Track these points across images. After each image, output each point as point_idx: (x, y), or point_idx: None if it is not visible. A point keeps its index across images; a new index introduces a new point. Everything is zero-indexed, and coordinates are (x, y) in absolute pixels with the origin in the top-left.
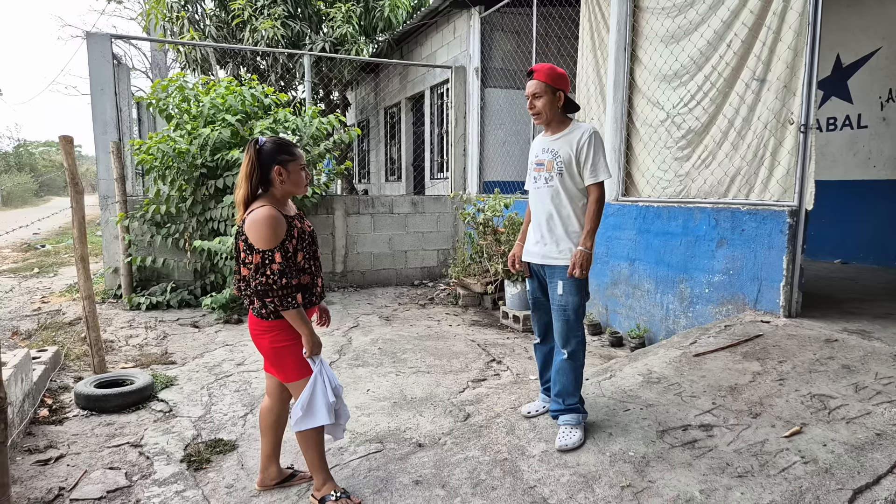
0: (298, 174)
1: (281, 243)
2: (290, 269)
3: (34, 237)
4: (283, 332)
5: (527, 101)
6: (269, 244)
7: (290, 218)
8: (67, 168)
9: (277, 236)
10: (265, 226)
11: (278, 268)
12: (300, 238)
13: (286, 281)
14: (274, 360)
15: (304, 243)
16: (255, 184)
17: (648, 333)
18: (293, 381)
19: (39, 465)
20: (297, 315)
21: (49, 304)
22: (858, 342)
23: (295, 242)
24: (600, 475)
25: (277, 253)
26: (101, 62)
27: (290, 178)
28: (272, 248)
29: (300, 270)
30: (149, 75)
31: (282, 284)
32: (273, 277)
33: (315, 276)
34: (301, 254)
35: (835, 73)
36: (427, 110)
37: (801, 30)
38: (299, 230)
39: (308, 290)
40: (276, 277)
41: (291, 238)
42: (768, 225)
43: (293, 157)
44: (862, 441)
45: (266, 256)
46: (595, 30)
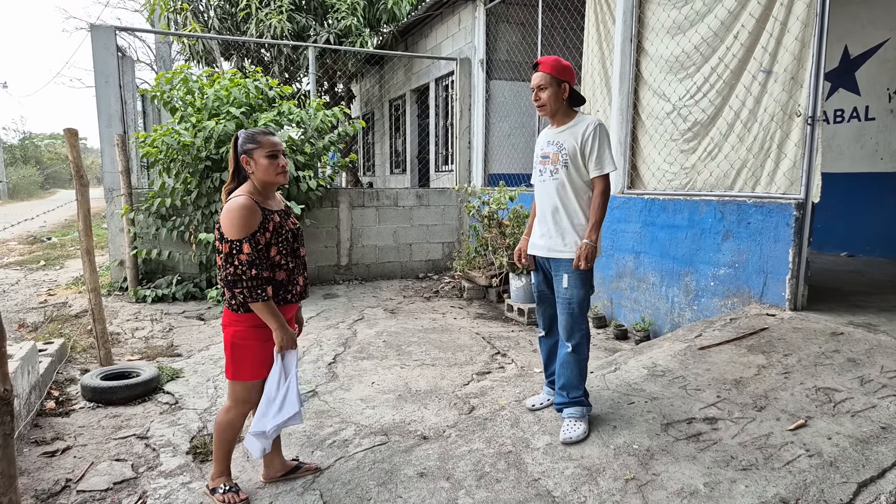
0: (262, 161)
1: (252, 234)
2: (260, 261)
3: (40, 230)
4: (247, 329)
5: (532, 93)
6: (236, 234)
7: (269, 211)
8: (72, 161)
9: (247, 227)
10: (234, 215)
11: (246, 258)
12: (276, 232)
13: (256, 272)
14: (229, 353)
15: (280, 238)
16: (231, 176)
17: (653, 326)
18: (238, 380)
19: (46, 457)
20: (265, 308)
21: (55, 297)
22: (864, 335)
23: (269, 236)
24: (604, 468)
25: (246, 244)
26: (105, 54)
27: (257, 166)
28: (240, 238)
29: (274, 266)
30: (153, 68)
31: (251, 275)
32: (241, 268)
33: (293, 274)
34: (275, 248)
35: (842, 64)
36: (432, 102)
37: (809, 21)
38: (276, 224)
39: (283, 287)
40: (244, 268)
41: (265, 231)
42: (774, 218)
43: (257, 145)
44: (867, 434)
45: (234, 246)
46: (601, 21)
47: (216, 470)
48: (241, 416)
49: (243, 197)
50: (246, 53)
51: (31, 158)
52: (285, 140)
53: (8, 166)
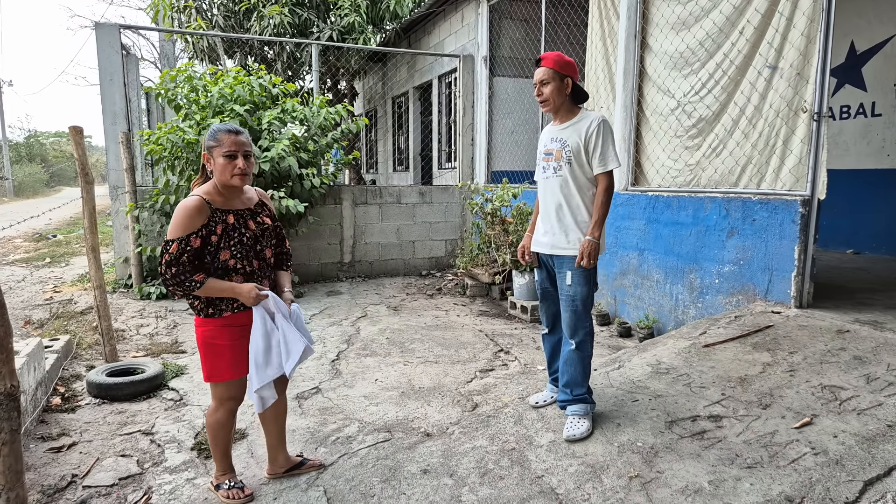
0: (219, 161)
1: (186, 236)
2: (184, 263)
3: (45, 227)
4: (217, 329)
5: (535, 88)
6: (171, 233)
7: (221, 211)
8: (77, 158)
9: (182, 228)
10: (177, 215)
11: (168, 259)
12: (226, 235)
13: (176, 270)
14: (203, 354)
15: (233, 241)
16: (203, 171)
17: (657, 324)
18: (216, 381)
19: (52, 453)
20: (208, 289)
21: (61, 294)
22: (870, 333)
23: (216, 239)
24: (608, 465)
25: (175, 244)
26: (109, 52)
27: (214, 165)
28: (172, 238)
29: (231, 271)
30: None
31: (172, 273)
32: (162, 267)
33: (252, 278)
34: (227, 252)
35: (848, 60)
36: (435, 99)
37: (815, 16)
38: (228, 226)
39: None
40: (164, 267)
41: (211, 234)
42: (780, 215)
43: (217, 143)
44: (873, 432)
45: (167, 244)
46: (604, 17)
47: (218, 468)
48: (229, 412)
49: (194, 197)
50: (249, 51)
51: (36, 156)
52: (289, 138)
53: (13, 164)
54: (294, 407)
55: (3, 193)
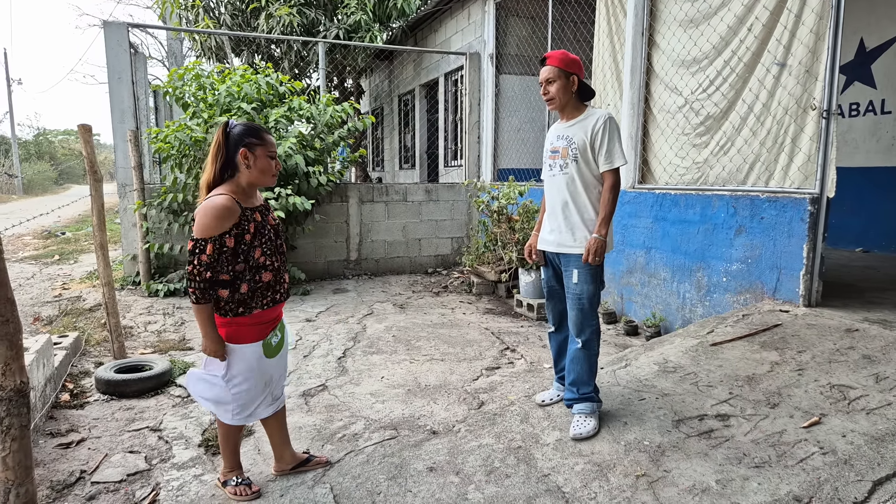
0: (265, 161)
1: (219, 236)
2: (221, 263)
3: (54, 225)
4: (242, 328)
5: (541, 87)
6: (203, 233)
7: (249, 209)
8: (86, 156)
9: (217, 228)
10: (208, 215)
11: (206, 259)
12: (258, 233)
13: (211, 276)
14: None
15: (264, 238)
16: (220, 167)
17: (664, 322)
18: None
19: (61, 449)
20: (204, 312)
21: (69, 291)
22: (880, 332)
23: (250, 238)
24: (615, 464)
25: (210, 244)
26: (118, 51)
27: (256, 163)
28: (206, 237)
29: (261, 268)
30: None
31: (205, 278)
32: (199, 268)
33: (279, 273)
34: (259, 250)
35: (858, 57)
36: (441, 97)
37: (825, 12)
38: (258, 224)
39: (271, 288)
40: (201, 268)
41: (244, 234)
42: (788, 212)
43: (262, 142)
44: (882, 432)
45: (197, 245)
46: (612, 14)
47: (226, 465)
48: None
49: (224, 196)
50: (257, 49)
51: (45, 154)
52: (295, 136)
53: (23, 162)
54: (300, 404)
55: (13, 191)
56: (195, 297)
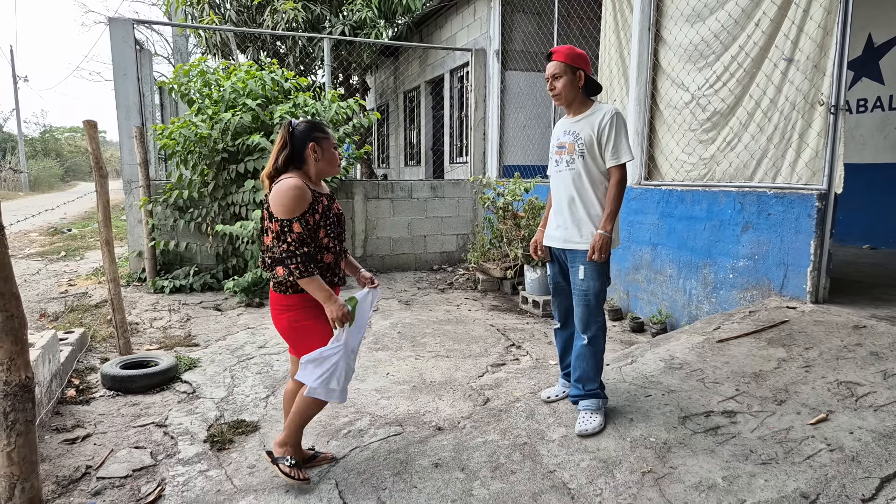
0: (331, 152)
1: (302, 215)
2: (311, 239)
3: (60, 221)
4: (303, 310)
5: (547, 83)
6: (287, 213)
7: (318, 193)
8: (91, 153)
9: (297, 207)
10: (286, 195)
11: (297, 236)
12: (324, 215)
13: (307, 249)
14: (294, 339)
15: (329, 221)
16: (284, 160)
17: (670, 319)
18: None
19: (67, 444)
20: (314, 283)
21: (75, 287)
22: (888, 328)
23: (318, 217)
24: (621, 460)
25: (296, 223)
26: (123, 48)
27: (324, 155)
28: (290, 217)
29: (323, 248)
30: (171, 60)
31: (304, 251)
32: (294, 245)
33: (338, 257)
34: (323, 231)
35: (866, 52)
36: (447, 94)
37: (832, 7)
38: (325, 207)
39: (330, 269)
40: (296, 245)
41: (314, 213)
42: (795, 209)
43: (326, 136)
44: (890, 429)
45: (284, 224)
46: (618, 9)
47: (286, 437)
48: None
49: (294, 178)
50: (262, 46)
51: (51, 151)
52: None
53: (29, 159)
54: None
55: (19, 188)
56: (299, 271)
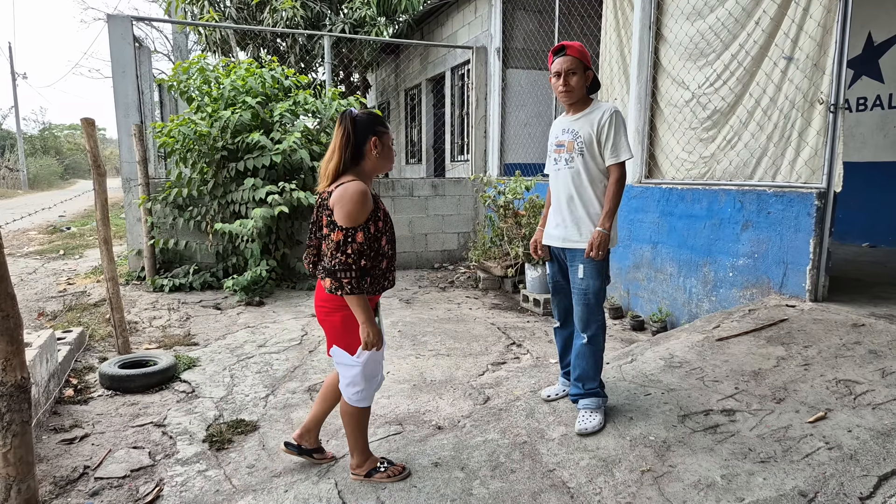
0: (391, 148)
1: (365, 223)
2: (369, 250)
3: (59, 219)
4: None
5: (557, 77)
6: (354, 222)
7: (377, 197)
8: (90, 150)
9: (363, 215)
10: (355, 203)
11: (358, 248)
12: (385, 221)
13: (365, 262)
14: (342, 334)
15: (388, 227)
16: (349, 155)
17: (670, 317)
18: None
19: (65, 444)
20: (360, 301)
21: (74, 286)
22: (886, 327)
23: (381, 225)
24: (620, 459)
25: (360, 233)
26: (122, 45)
27: (384, 151)
28: (356, 226)
29: (382, 255)
30: (170, 58)
31: (360, 266)
32: (353, 257)
33: (392, 261)
34: (384, 238)
35: (866, 51)
36: (448, 92)
37: (832, 6)
38: (384, 212)
39: (384, 275)
40: (355, 258)
41: (377, 220)
42: (795, 207)
43: (386, 130)
44: (888, 427)
45: (348, 234)
46: (619, 7)
47: (361, 456)
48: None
49: (359, 182)
50: (262, 43)
51: (50, 149)
52: (301, 130)
53: (28, 157)
54: (306, 399)
55: (18, 186)
56: (350, 287)
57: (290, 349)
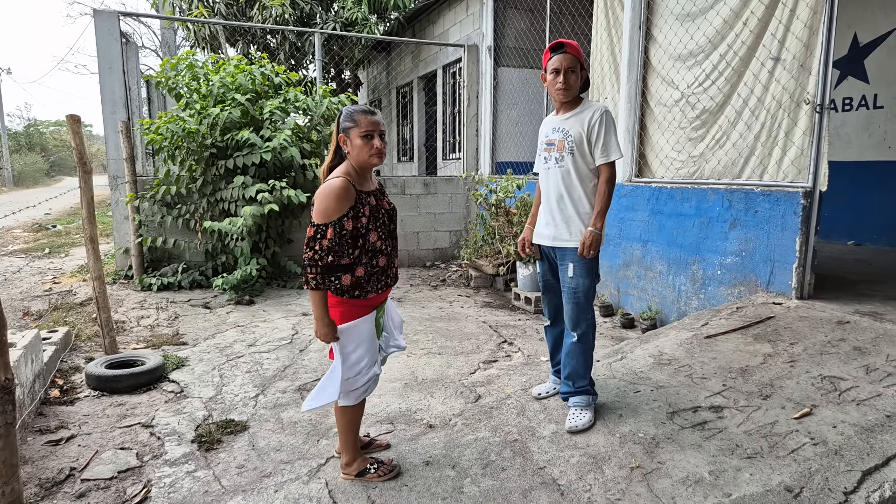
0: (356, 142)
1: (338, 220)
2: (342, 247)
3: (45, 217)
4: (356, 309)
5: (556, 74)
6: (323, 218)
7: (365, 193)
8: (75, 147)
9: (335, 210)
10: (326, 198)
11: (328, 244)
12: (373, 217)
13: (333, 259)
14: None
15: (379, 222)
16: (333, 152)
17: (660, 315)
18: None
19: (51, 446)
20: (319, 297)
21: (60, 285)
22: (870, 324)
23: (366, 221)
24: (610, 456)
25: (330, 229)
26: (109, 40)
27: (352, 145)
28: (326, 222)
29: (377, 252)
30: (158, 54)
31: (327, 262)
32: (320, 253)
33: (391, 257)
34: (375, 234)
35: (851, 52)
36: (439, 90)
37: (818, 7)
38: (373, 208)
39: (384, 272)
40: (322, 254)
41: (360, 216)
42: (782, 206)
43: (353, 124)
44: (872, 423)
45: (318, 230)
46: (610, 7)
47: (351, 455)
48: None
49: (339, 179)
50: (252, 40)
51: (35, 145)
52: (291, 128)
53: (13, 153)
54: (296, 399)
55: (3, 183)
56: (314, 282)
57: (281, 348)
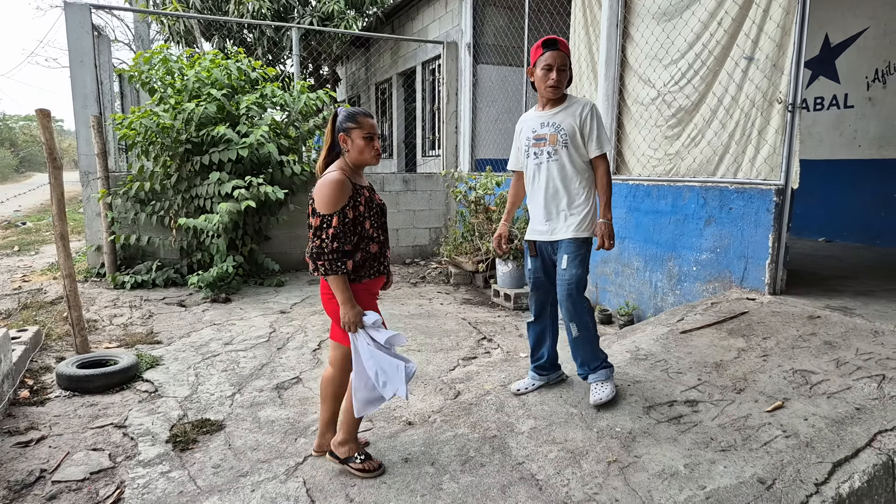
0: (359, 142)
1: (342, 209)
2: (346, 234)
3: (14, 214)
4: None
5: (549, 71)
6: (329, 208)
7: (359, 186)
8: (45, 142)
9: (338, 201)
10: (328, 189)
11: (333, 232)
12: (368, 206)
13: (338, 245)
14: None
15: (372, 212)
16: (327, 150)
17: (637, 311)
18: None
19: (20, 447)
20: (339, 281)
21: (30, 283)
22: (840, 318)
23: (363, 209)
24: (587, 451)
25: (335, 217)
26: (80, 33)
27: (353, 145)
28: (331, 212)
29: (369, 239)
30: (132, 47)
31: (332, 248)
32: (326, 241)
33: (384, 246)
34: (368, 222)
35: (823, 52)
36: (419, 86)
37: (791, 7)
38: (367, 199)
39: (377, 259)
40: (328, 241)
41: (358, 205)
42: (755, 203)
43: (356, 125)
44: (842, 415)
45: (325, 220)
46: (587, 6)
47: (345, 436)
48: (346, 373)
49: (337, 172)
50: (228, 34)
51: (5, 140)
52: (268, 123)
53: None
54: (274, 398)
55: None
56: (325, 268)
57: (258, 347)
